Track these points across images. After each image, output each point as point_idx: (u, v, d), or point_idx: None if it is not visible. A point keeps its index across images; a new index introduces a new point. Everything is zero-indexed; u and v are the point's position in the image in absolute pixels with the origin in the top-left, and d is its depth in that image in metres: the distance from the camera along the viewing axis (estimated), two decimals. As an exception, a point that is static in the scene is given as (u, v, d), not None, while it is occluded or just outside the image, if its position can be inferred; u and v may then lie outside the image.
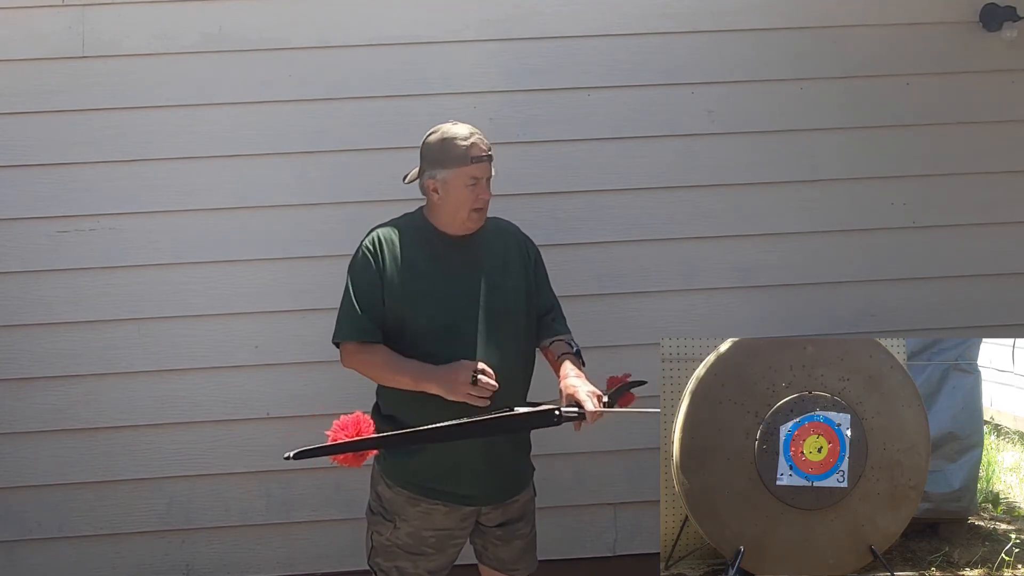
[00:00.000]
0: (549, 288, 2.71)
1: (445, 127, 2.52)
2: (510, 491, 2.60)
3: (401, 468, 2.52)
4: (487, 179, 2.51)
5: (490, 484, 2.55)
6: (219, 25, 3.20)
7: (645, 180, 3.29)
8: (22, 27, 3.15)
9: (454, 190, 2.48)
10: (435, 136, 2.52)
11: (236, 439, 3.24)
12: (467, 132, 2.49)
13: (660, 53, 3.28)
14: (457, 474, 2.50)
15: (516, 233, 2.68)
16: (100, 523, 3.22)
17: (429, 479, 2.50)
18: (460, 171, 2.46)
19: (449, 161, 2.46)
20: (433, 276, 2.50)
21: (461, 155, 2.46)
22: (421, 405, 2.43)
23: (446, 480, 2.50)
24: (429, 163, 2.51)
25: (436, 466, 2.49)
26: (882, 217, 3.35)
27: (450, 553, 2.58)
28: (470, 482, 2.51)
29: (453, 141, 2.47)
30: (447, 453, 2.47)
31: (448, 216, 2.51)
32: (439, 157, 2.48)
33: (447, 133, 2.49)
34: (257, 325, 3.22)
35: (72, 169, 3.18)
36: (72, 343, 3.19)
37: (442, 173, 2.47)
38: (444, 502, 2.50)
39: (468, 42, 3.25)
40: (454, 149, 2.46)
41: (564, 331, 2.66)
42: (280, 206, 3.22)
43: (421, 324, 2.47)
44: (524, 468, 2.66)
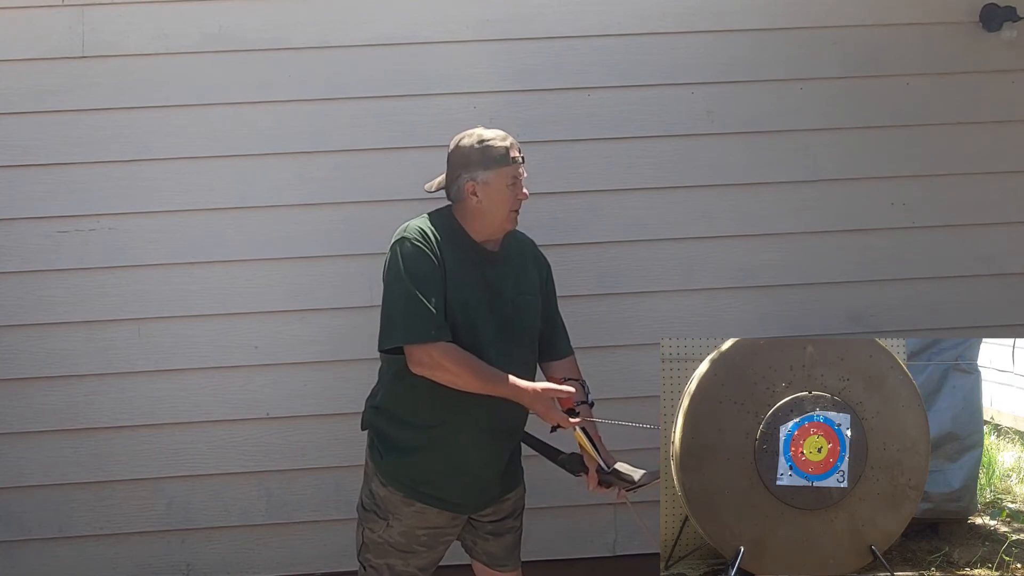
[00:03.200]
0: (555, 303, 2.72)
1: (477, 131, 2.52)
2: (503, 493, 2.63)
3: (396, 469, 2.51)
4: (522, 179, 2.53)
5: (485, 493, 2.57)
6: (219, 25, 3.20)
7: (645, 180, 3.29)
8: (22, 27, 3.15)
9: (496, 191, 2.48)
10: (470, 140, 2.51)
11: (236, 439, 3.24)
12: (502, 134, 2.51)
13: (660, 53, 3.27)
14: (454, 482, 2.50)
15: (532, 247, 2.69)
16: (100, 523, 3.22)
17: (424, 484, 2.50)
18: (502, 171, 2.47)
19: (491, 162, 2.47)
20: (471, 286, 2.47)
21: (502, 156, 2.48)
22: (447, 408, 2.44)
23: (442, 487, 2.50)
24: (467, 166, 2.49)
25: (431, 472, 2.49)
26: (881, 217, 3.35)
27: (440, 550, 2.59)
28: (465, 491, 2.53)
29: (492, 143, 2.49)
30: (445, 460, 2.48)
31: (488, 218, 2.50)
32: (480, 159, 2.48)
33: (483, 136, 2.50)
34: (257, 325, 3.22)
35: (72, 169, 3.18)
36: (72, 343, 3.19)
37: (483, 175, 2.47)
38: (439, 508, 2.51)
39: (468, 42, 3.25)
40: (495, 151, 2.48)
41: (568, 351, 2.70)
42: (280, 206, 3.22)
43: (458, 333, 2.44)
44: (517, 470, 2.68)
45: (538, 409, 2.44)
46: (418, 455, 2.49)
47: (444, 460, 2.48)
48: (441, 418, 2.45)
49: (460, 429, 2.47)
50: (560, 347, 2.69)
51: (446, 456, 2.48)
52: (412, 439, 2.49)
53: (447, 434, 2.48)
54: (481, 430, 2.48)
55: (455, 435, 2.47)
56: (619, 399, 3.03)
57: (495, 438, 2.53)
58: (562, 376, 2.56)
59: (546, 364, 2.66)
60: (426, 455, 2.49)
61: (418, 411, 2.48)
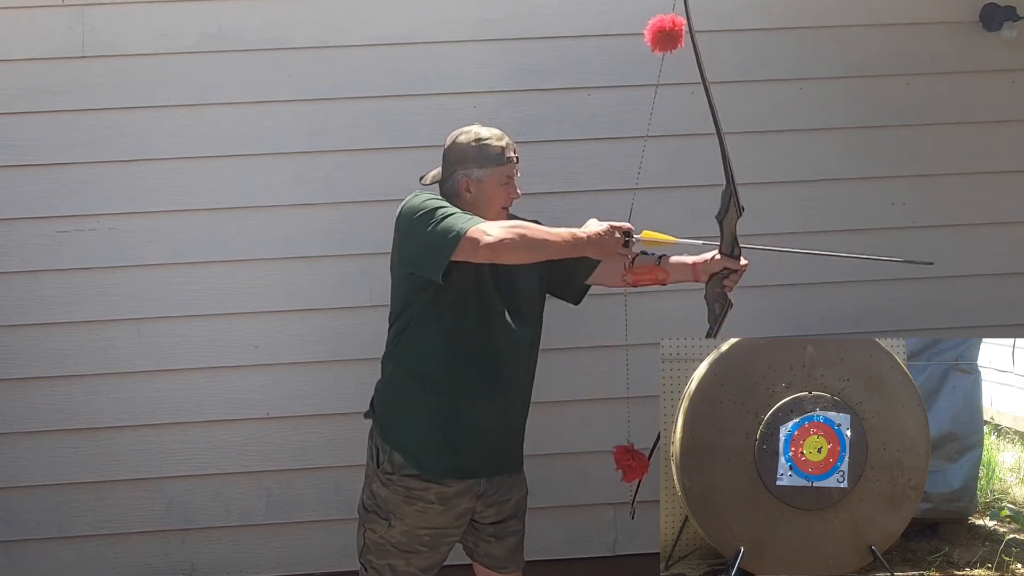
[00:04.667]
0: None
1: (473, 129, 2.58)
2: (513, 467, 2.63)
3: (407, 441, 2.52)
4: (515, 179, 2.59)
5: (495, 457, 2.58)
6: (219, 25, 3.20)
7: (645, 180, 3.28)
8: (22, 27, 3.15)
9: (489, 188, 2.54)
10: (466, 137, 2.56)
11: (236, 439, 3.24)
12: (499, 133, 2.58)
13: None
14: (464, 443, 2.51)
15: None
16: (100, 523, 3.22)
17: (432, 451, 2.50)
18: (496, 170, 2.54)
19: (486, 160, 2.53)
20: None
21: (498, 155, 2.54)
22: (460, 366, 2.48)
23: (451, 452, 2.51)
24: (462, 162, 2.54)
25: (440, 434, 2.50)
26: (882, 217, 3.35)
27: (442, 551, 2.59)
28: (476, 453, 2.53)
29: (488, 142, 2.54)
30: (455, 421, 2.50)
31: (478, 213, 2.51)
32: (475, 156, 2.53)
33: (480, 134, 2.56)
34: (257, 325, 3.22)
35: (72, 169, 3.18)
36: (72, 343, 3.19)
37: (478, 172, 2.53)
38: (452, 479, 2.50)
39: (468, 42, 3.25)
40: (491, 149, 2.54)
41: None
42: (280, 206, 3.22)
43: (459, 311, 2.49)
44: (520, 451, 2.68)
45: (604, 244, 2.48)
46: (427, 419, 2.50)
47: (454, 421, 2.49)
48: (447, 374, 2.49)
49: (465, 387, 2.49)
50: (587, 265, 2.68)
51: (455, 416, 2.49)
52: (420, 402, 2.52)
53: (453, 394, 2.50)
54: (486, 388, 2.50)
55: (461, 394, 2.50)
56: (619, 399, 3.02)
57: (503, 397, 2.54)
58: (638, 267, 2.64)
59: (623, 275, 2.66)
60: (434, 417, 2.50)
61: (426, 367, 2.50)
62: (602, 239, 2.48)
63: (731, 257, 2.56)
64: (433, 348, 2.51)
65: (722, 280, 2.57)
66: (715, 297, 2.56)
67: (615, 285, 2.69)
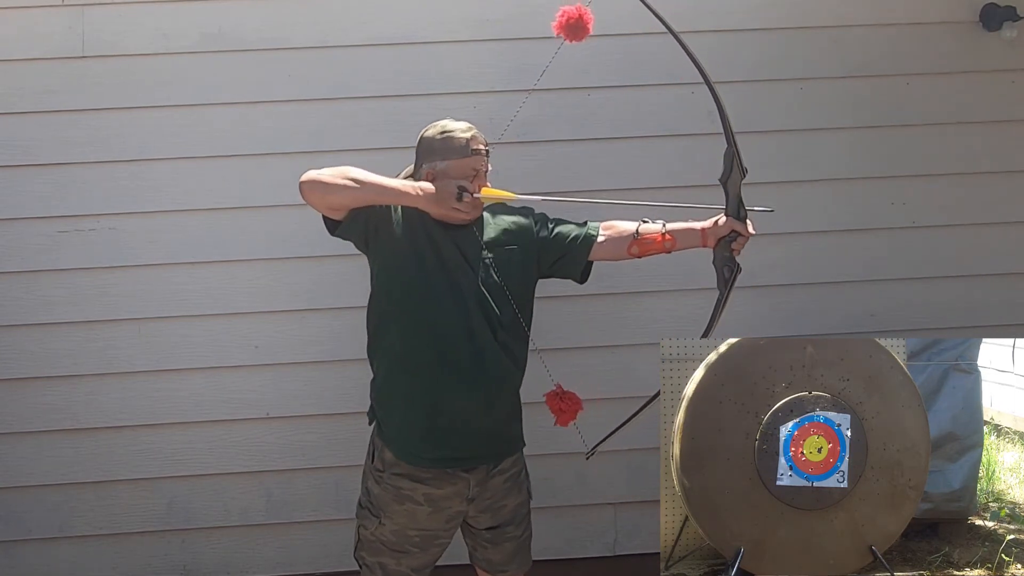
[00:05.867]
0: (563, 226, 2.69)
1: (443, 122, 2.56)
2: (504, 452, 2.59)
3: (396, 433, 2.51)
4: (484, 173, 2.54)
5: (482, 445, 2.53)
6: (219, 25, 3.20)
7: (645, 180, 3.29)
8: (22, 27, 3.16)
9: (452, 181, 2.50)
10: (433, 130, 2.55)
11: (236, 439, 3.24)
12: (466, 126, 2.54)
13: (660, 53, 3.27)
14: (447, 430, 2.48)
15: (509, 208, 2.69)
16: (100, 523, 3.23)
17: (418, 442, 2.48)
18: (460, 162, 2.49)
19: (450, 152, 2.50)
20: (426, 239, 2.52)
21: (461, 147, 2.50)
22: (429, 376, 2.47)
23: (437, 441, 2.48)
24: (428, 155, 2.54)
25: (423, 424, 2.48)
26: (882, 217, 3.35)
27: (434, 552, 2.58)
28: (462, 442, 2.50)
29: (453, 134, 2.52)
30: (435, 410, 2.47)
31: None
32: (439, 148, 2.51)
33: (447, 127, 2.54)
34: (257, 325, 3.22)
35: (72, 169, 3.18)
36: (72, 343, 3.19)
37: (442, 164, 2.50)
38: (440, 469, 2.49)
39: (468, 42, 3.25)
40: (454, 142, 2.51)
41: (597, 234, 2.67)
42: (280, 206, 3.21)
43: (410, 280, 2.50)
44: (517, 436, 2.64)
45: (432, 196, 2.45)
46: (409, 409, 2.49)
47: (434, 409, 2.47)
48: (422, 361, 2.46)
49: (440, 373, 2.46)
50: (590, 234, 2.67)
51: (434, 404, 2.46)
52: (401, 392, 2.50)
53: (430, 381, 2.47)
54: (463, 375, 2.46)
55: (438, 380, 2.46)
56: (619, 399, 3.02)
57: (480, 384, 2.49)
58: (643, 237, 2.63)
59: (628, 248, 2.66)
60: (415, 408, 2.48)
61: (400, 357, 2.50)
62: (436, 194, 2.45)
63: (737, 219, 2.52)
64: (396, 337, 2.51)
65: (730, 244, 2.54)
66: (723, 261, 2.55)
67: (621, 258, 2.67)
